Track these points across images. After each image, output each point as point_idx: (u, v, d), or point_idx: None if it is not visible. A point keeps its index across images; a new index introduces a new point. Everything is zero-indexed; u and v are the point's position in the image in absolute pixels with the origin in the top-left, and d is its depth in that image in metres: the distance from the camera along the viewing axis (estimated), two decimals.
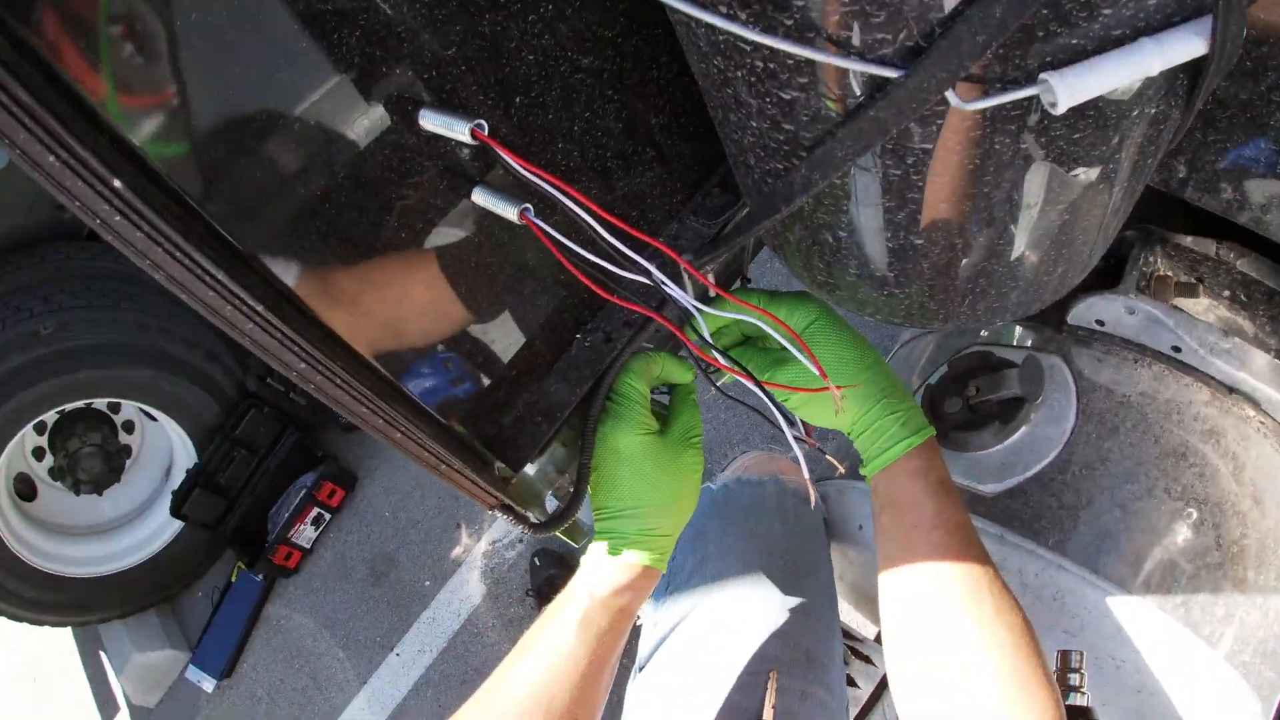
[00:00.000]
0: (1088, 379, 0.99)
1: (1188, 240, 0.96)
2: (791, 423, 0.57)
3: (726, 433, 2.13)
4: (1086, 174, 0.50)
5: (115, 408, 2.24)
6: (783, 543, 1.06)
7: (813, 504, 0.70)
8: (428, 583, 2.38)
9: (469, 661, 2.21)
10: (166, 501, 2.28)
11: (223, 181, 0.48)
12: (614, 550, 0.73)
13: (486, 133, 0.49)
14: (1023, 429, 0.98)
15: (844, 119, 0.44)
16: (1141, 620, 0.86)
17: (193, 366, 2.18)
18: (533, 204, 0.57)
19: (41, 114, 0.34)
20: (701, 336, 0.57)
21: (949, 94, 0.40)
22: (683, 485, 0.74)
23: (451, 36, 0.53)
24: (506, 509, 0.71)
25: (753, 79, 0.46)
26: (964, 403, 1.03)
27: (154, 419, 2.26)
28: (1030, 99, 0.41)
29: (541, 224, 0.53)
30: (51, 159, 0.33)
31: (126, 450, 2.28)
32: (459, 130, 0.50)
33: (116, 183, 0.37)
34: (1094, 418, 0.96)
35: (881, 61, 0.39)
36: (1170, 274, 0.98)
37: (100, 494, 2.19)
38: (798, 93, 0.45)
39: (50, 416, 2.08)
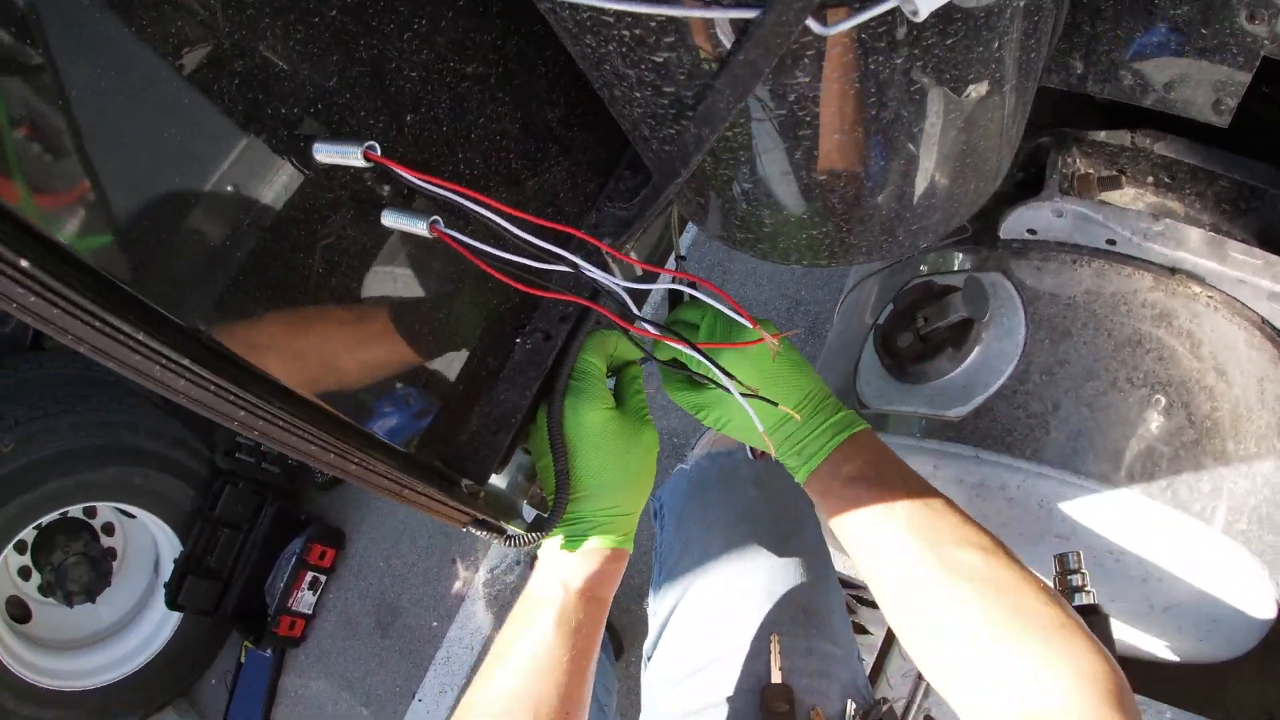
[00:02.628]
0: (1030, 288, 1.00)
1: (1102, 135, 0.97)
2: (731, 377, 0.57)
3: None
4: (972, 82, 0.50)
5: (91, 512, 2.19)
6: (761, 507, 1.06)
7: (773, 455, 0.69)
8: (435, 623, 2.35)
9: None
10: (160, 596, 2.23)
11: (141, 253, 0.47)
12: (578, 537, 0.71)
13: (379, 153, 0.48)
14: (976, 349, 0.99)
15: (717, 69, 0.44)
16: (1131, 510, 0.87)
17: (160, 455, 2.14)
18: (443, 216, 0.56)
19: None
20: (634, 314, 0.57)
21: (810, 22, 0.40)
22: (642, 461, 0.73)
23: (330, 68, 0.52)
24: (480, 524, 0.70)
25: (624, 50, 0.45)
26: (915, 335, 1.04)
27: (132, 516, 2.22)
28: (892, 13, 0.41)
29: (452, 233, 0.52)
30: None
31: (111, 553, 2.23)
32: (352, 156, 0.49)
33: (23, 263, 0.37)
34: (1044, 325, 0.97)
35: (738, 4, 0.39)
36: (1091, 171, 0.99)
37: (94, 601, 2.14)
38: (668, 53, 0.44)
39: (28, 534, 2.04)
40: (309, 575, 2.39)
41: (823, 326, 2.10)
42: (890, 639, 1.09)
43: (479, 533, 0.71)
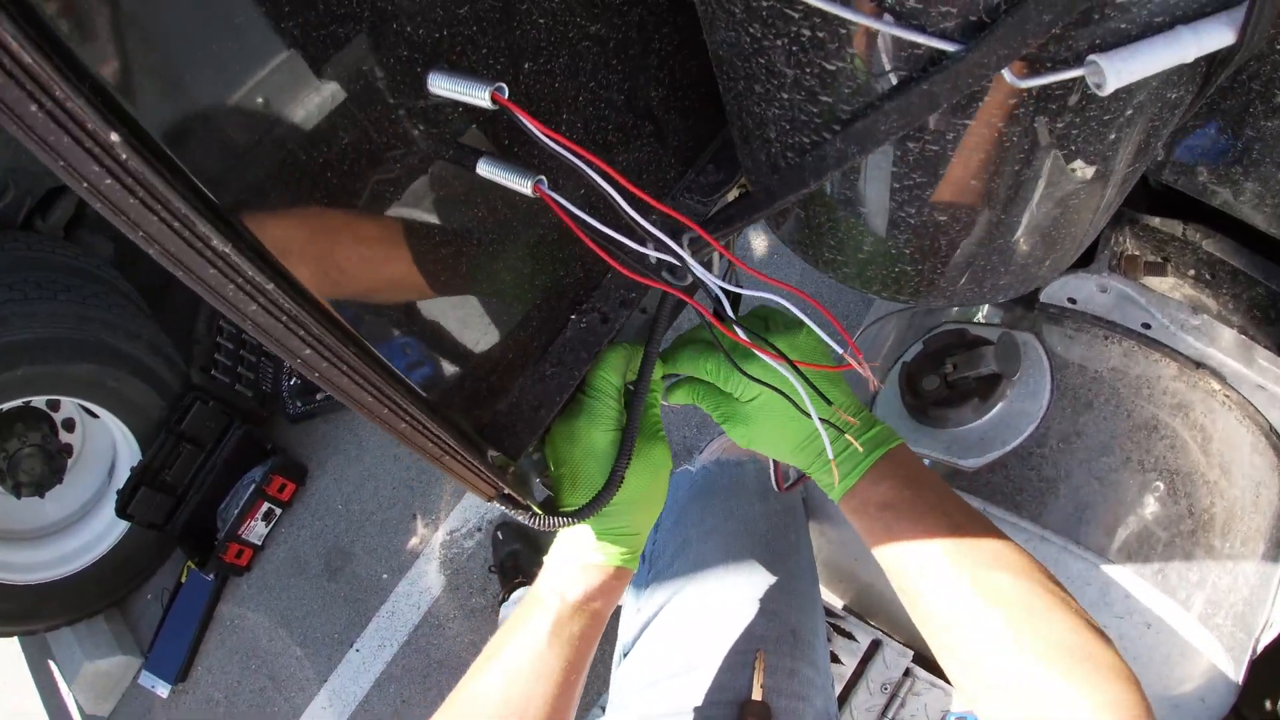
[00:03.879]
0: (1059, 356, 1.02)
1: (1155, 221, 1.00)
2: (829, 402, 0.57)
3: (705, 416, 2.14)
4: (1106, 157, 0.51)
5: (55, 405, 2.13)
6: (763, 522, 1.06)
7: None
8: (385, 576, 2.33)
9: (430, 655, 2.18)
10: (111, 502, 2.17)
11: (227, 152, 0.45)
12: (583, 552, 0.71)
13: (507, 96, 0.47)
14: (1000, 404, 1.01)
15: (892, 92, 0.44)
16: (1120, 587, 0.89)
17: (135, 360, 2.07)
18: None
19: (23, 53, 0.28)
20: (728, 317, 0.56)
21: (1004, 71, 0.40)
22: (653, 482, 0.72)
23: None
24: (506, 499, 0.69)
25: (795, 48, 0.45)
26: (942, 380, 1.05)
27: (95, 416, 2.15)
28: (1075, 80, 0.42)
29: (556, 197, 0.52)
30: (34, 108, 0.28)
31: (68, 449, 2.16)
32: (477, 95, 0.47)
33: (114, 136, 0.32)
34: (1068, 393, 0.99)
35: (943, 35, 0.39)
36: (1139, 253, 1.01)
37: (42, 496, 2.07)
38: (844, 63, 0.44)
39: None
40: (265, 506, 2.35)
41: None
42: (859, 672, 1.11)
43: (503, 506, 0.70)
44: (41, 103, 0.27)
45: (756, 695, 0.92)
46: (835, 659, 1.11)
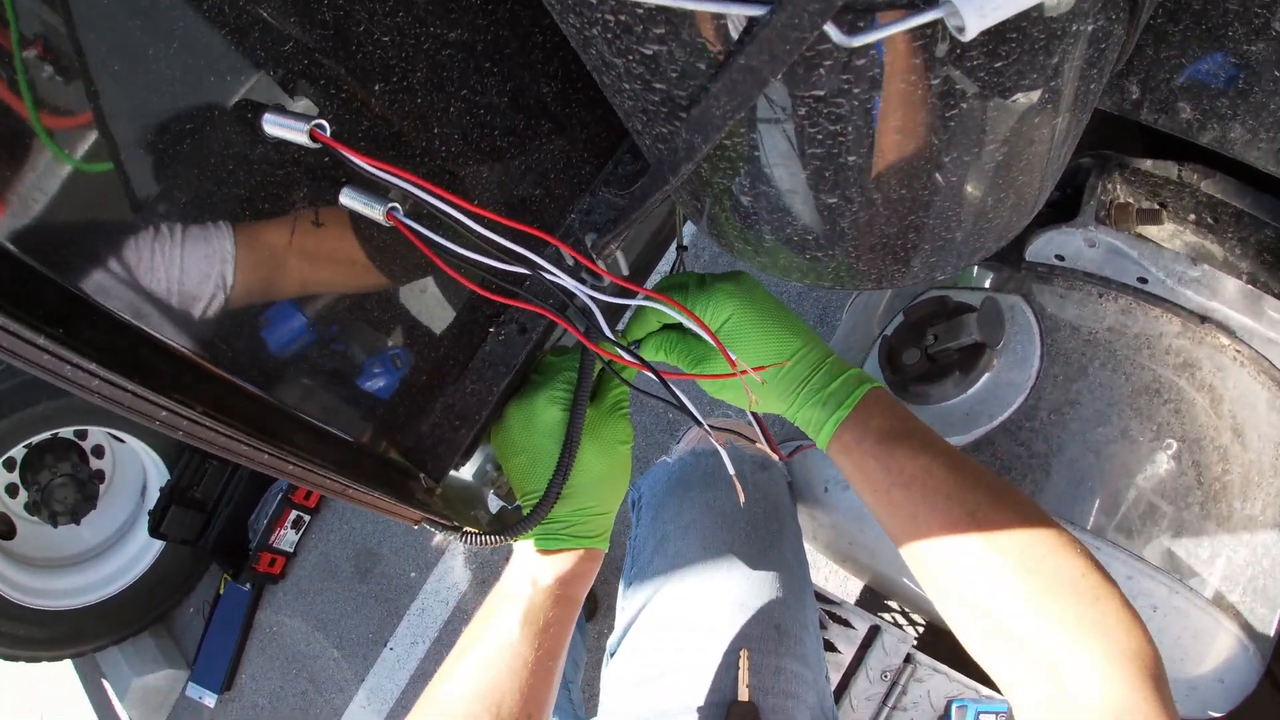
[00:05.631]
0: (1051, 317, 0.94)
1: (1147, 164, 0.90)
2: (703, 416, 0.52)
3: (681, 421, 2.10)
4: (1019, 105, 0.44)
5: (82, 434, 2.18)
6: (743, 513, 1.02)
7: (738, 483, 0.65)
8: (413, 574, 2.35)
9: None
10: (143, 524, 2.23)
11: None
12: (550, 538, 0.68)
13: (328, 132, 0.43)
14: (985, 376, 0.94)
15: (714, 72, 0.38)
16: (1122, 569, 0.82)
17: None
18: (403, 205, 0.51)
19: None
20: (603, 333, 0.52)
21: (829, 29, 0.34)
22: (613, 458, 0.69)
23: (285, 28, 0.47)
24: (431, 523, 0.66)
25: (609, 35, 0.40)
26: (922, 353, 0.98)
27: (122, 441, 2.21)
28: (933, 27, 0.35)
29: (410, 223, 0.47)
30: None
31: (99, 475, 2.22)
32: (298, 133, 0.44)
33: None
34: (1060, 358, 0.91)
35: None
36: (1131, 201, 0.92)
37: (78, 523, 2.14)
38: (658, 45, 0.38)
39: (18, 452, 2.03)
40: (293, 514, 2.38)
41: (833, 315, 2.04)
42: (859, 659, 1.06)
43: (432, 529, 0.68)
44: None
45: (743, 696, 0.88)
46: (832, 647, 1.07)
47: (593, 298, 0.50)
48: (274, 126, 0.45)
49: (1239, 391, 0.86)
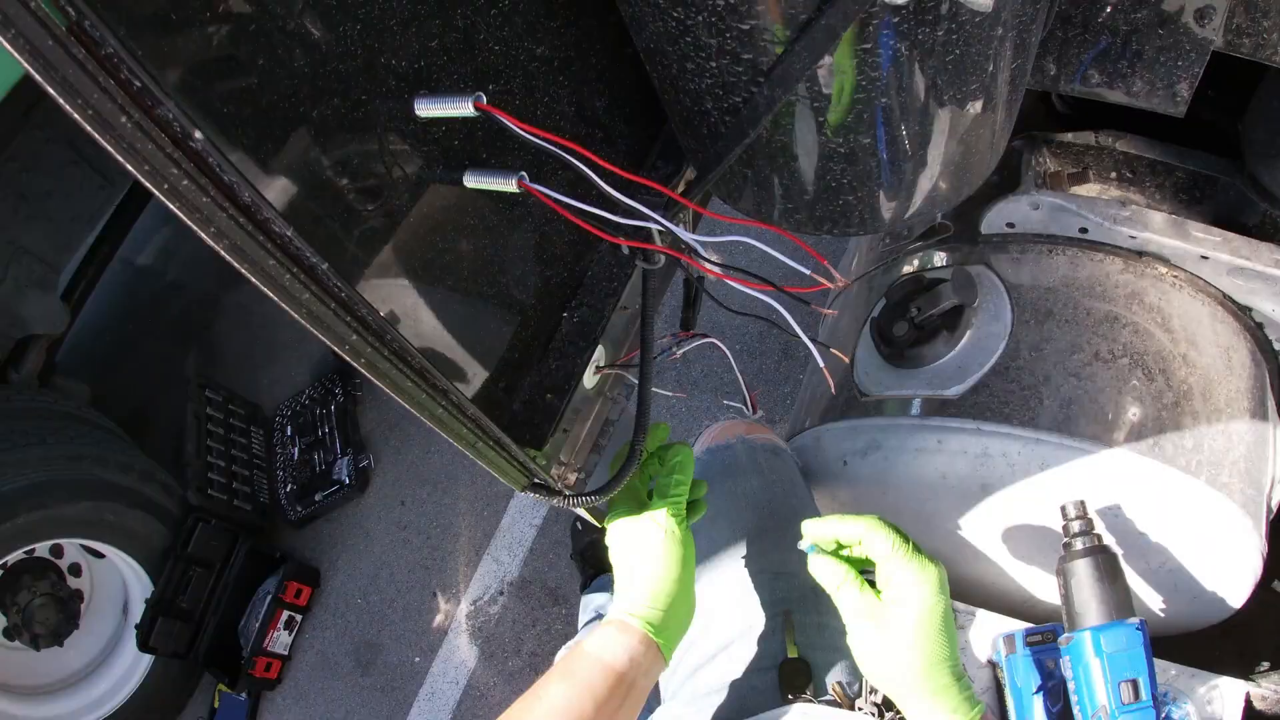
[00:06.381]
0: (1011, 278, 1.09)
1: (1069, 136, 1.08)
2: (813, 340, 0.62)
3: (692, 423, 2.19)
4: (990, 55, 0.58)
5: (58, 552, 2.11)
6: (762, 494, 1.10)
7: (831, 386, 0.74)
8: (418, 659, 2.31)
9: None
10: (131, 639, 2.14)
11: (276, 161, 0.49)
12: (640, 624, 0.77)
13: (486, 101, 0.53)
14: (969, 332, 1.07)
15: (798, 33, 0.51)
16: (1123, 468, 0.94)
17: (130, 491, 2.07)
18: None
19: (122, 64, 0.32)
20: (695, 250, 0.62)
21: None
22: (691, 574, 0.82)
23: (432, 30, 0.57)
24: (538, 486, 0.73)
25: (714, 19, 0.52)
26: (910, 324, 1.11)
27: (100, 556, 2.14)
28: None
29: (539, 187, 0.57)
30: (124, 120, 0.33)
31: (78, 595, 2.13)
32: (460, 107, 0.53)
33: (197, 134, 0.35)
34: (1028, 308, 1.06)
35: None
36: (1060, 169, 1.10)
37: (61, 645, 2.04)
38: (756, 20, 0.51)
39: None
40: (285, 614, 2.32)
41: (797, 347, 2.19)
42: None
43: (535, 495, 0.74)
44: (130, 114, 0.32)
45: (792, 653, 0.94)
46: None
47: (695, 239, 0.60)
48: (427, 107, 0.55)
49: (1183, 310, 1.02)
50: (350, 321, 0.49)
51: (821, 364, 0.65)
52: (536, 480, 0.72)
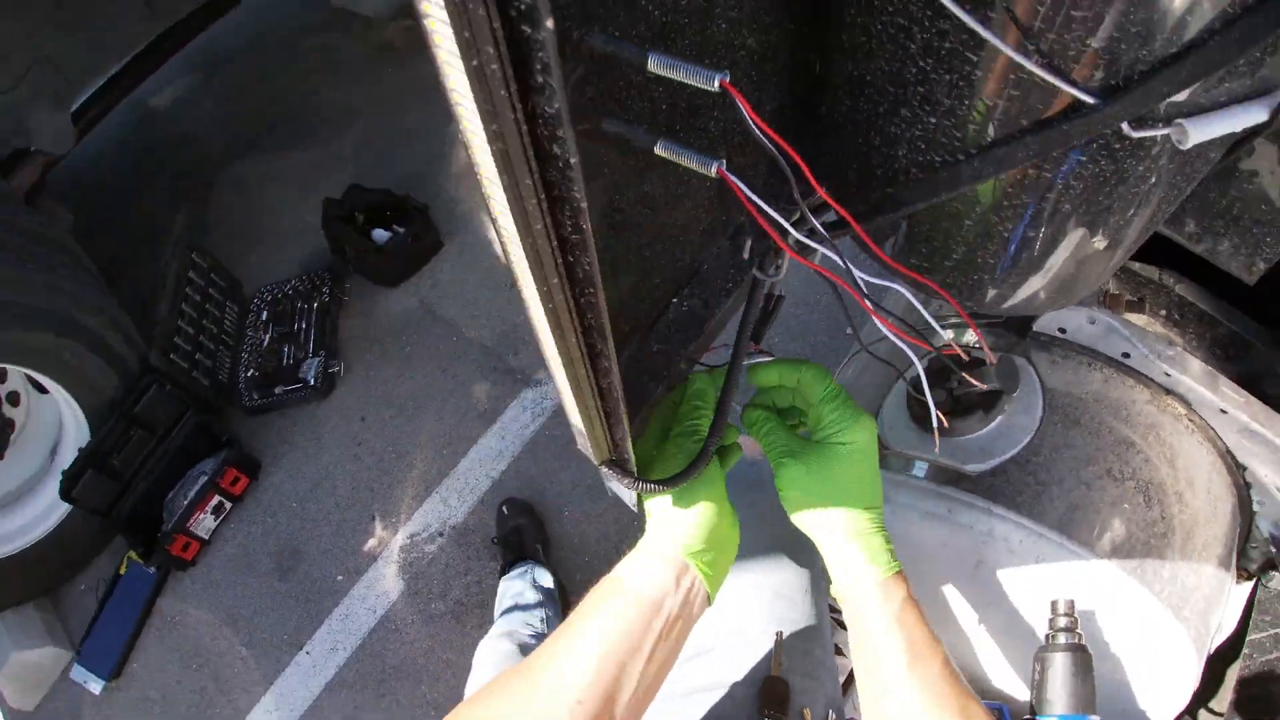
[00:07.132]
0: (1047, 378, 1.16)
1: (1135, 265, 1.15)
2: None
3: None
4: (1177, 188, 0.63)
5: (1, 376, 2.01)
6: (778, 514, 1.14)
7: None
8: (340, 577, 2.28)
9: (386, 660, 2.14)
10: (51, 484, 2.05)
11: None
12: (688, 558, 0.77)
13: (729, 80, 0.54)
14: (1000, 418, 1.14)
15: (1036, 128, 0.54)
16: (1107, 579, 1.01)
17: (95, 335, 1.99)
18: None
19: None
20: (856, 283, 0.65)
21: (1124, 123, 0.51)
22: (735, 524, 0.84)
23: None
24: (614, 464, 0.75)
25: (962, 83, 0.54)
26: (948, 394, 1.17)
27: (43, 391, 2.04)
28: (1164, 135, 0.53)
29: (735, 179, 0.59)
30: None
31: (10, 423, 2.04)
32: (704, 79, 0.54)
33: (549, 23, 0.32)
34: (1058, 410, 1.12)
35: (1088, 90, 0.49)
36: (1120, 293, 1.17)
37: None
38: (1003, 101, 0.54)
39: None
40: (215, 499, 2.27)
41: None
42: None
43: (609, 471, 0.76)
44: None
45: (776, 673, 0.99)
46: (838, 651, 1.20)
47: (861, 276, 0.63)
48: (660, 66, 0.54)
49: (1189, 452, 1.10)
50: (560, 263, 0.51)
51: (936, 426, 0.69)
52: (622, 458, 0.73)
